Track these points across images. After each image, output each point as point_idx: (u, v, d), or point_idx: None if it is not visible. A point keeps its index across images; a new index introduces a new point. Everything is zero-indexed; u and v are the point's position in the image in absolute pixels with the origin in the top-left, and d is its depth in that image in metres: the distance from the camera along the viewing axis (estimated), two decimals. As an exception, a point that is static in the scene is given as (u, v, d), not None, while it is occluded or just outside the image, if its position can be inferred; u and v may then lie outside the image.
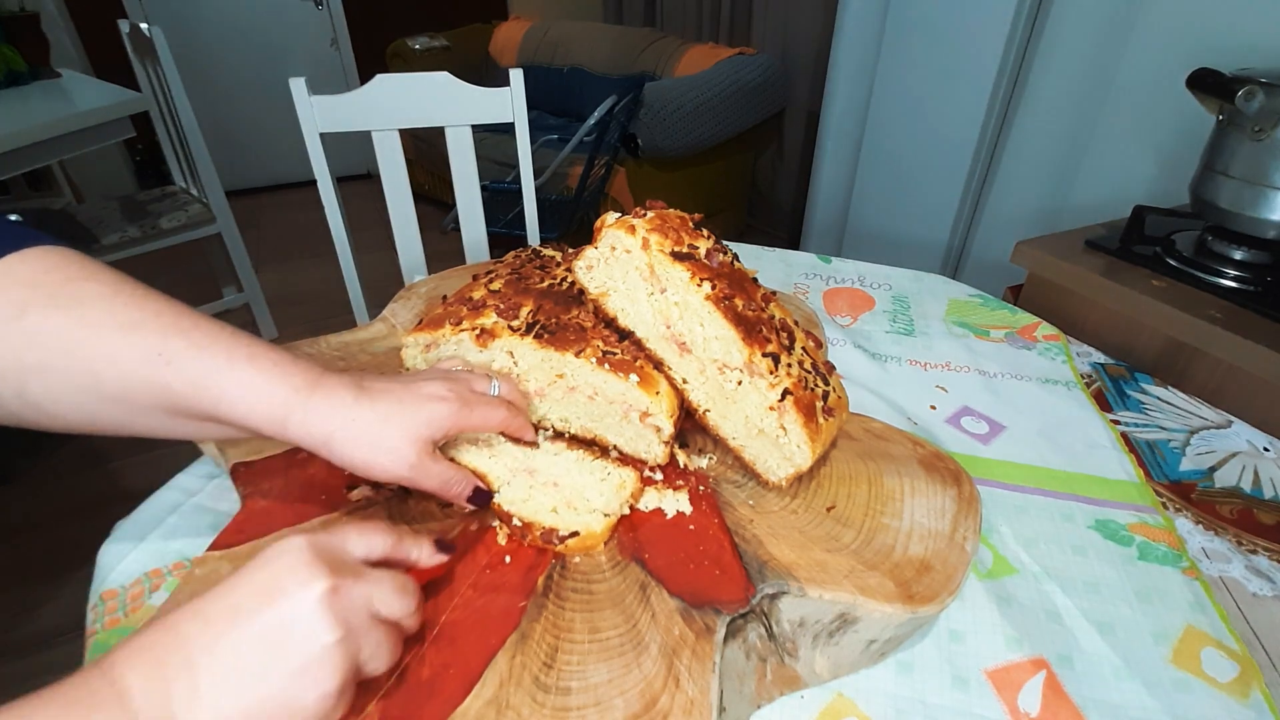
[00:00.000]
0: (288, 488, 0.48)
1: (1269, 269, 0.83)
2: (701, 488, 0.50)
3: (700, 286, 0.47)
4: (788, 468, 0.48)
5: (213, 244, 1.90)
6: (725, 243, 0.55)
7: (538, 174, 1.98)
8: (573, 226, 2.17)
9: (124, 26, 1.70)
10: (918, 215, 1.65)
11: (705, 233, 0.53)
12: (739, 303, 0.48)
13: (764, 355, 0.46)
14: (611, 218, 0.50)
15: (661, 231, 0.49)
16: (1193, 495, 0.57)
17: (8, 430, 0.38)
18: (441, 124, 1.10)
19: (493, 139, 2.33)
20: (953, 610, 0.46)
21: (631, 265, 0.49)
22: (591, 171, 2.09)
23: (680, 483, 0.50)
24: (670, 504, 0.48)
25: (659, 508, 0.48)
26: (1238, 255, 0.85)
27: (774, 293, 0.54)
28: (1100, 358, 0.75)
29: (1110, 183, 1.35)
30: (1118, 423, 0.65)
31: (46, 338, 0.34)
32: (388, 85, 1.06)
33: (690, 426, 0.54)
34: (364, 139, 1.07)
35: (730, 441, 0.51)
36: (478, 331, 0.52)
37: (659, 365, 0.51)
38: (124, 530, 0.49)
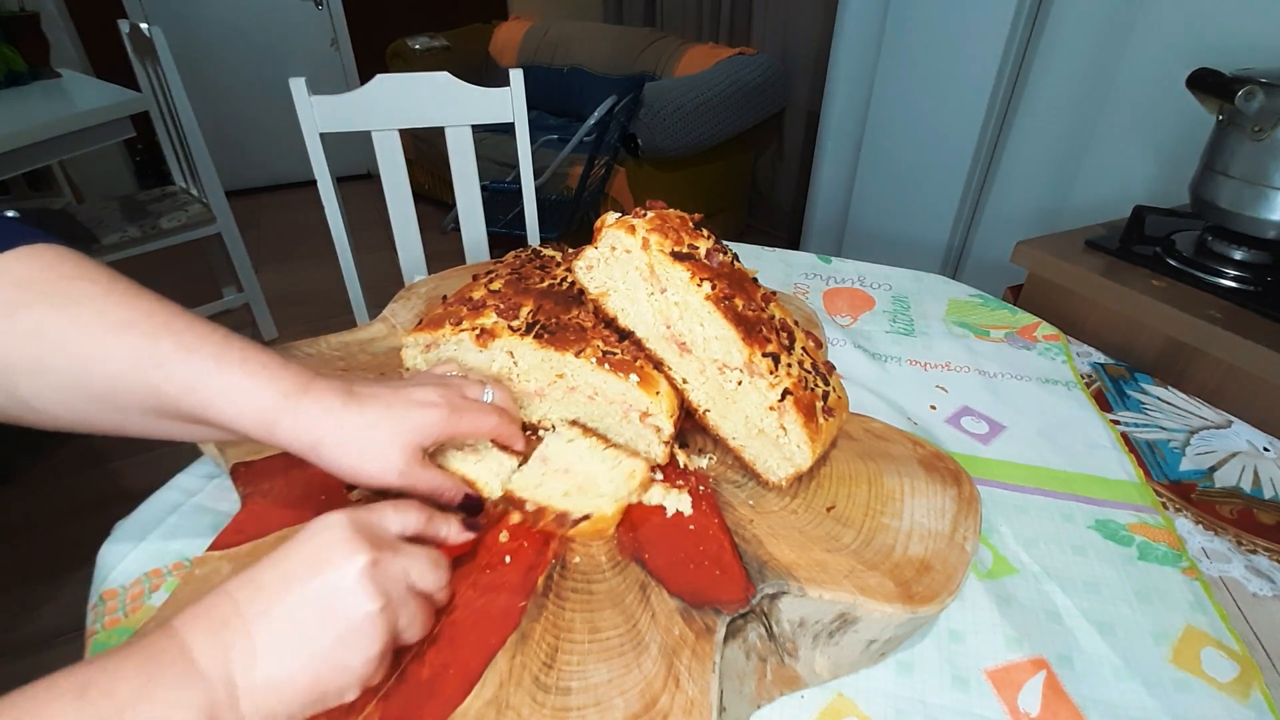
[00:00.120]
0: (288, 488, 0.48)
1: (1269, 269, 0.83)
2: (701, 488, 0.50)
3: (700, 286, 0.47)
4: (788, 468, 0.48)
5: (213, 244, 1.90)
6: (725, 243, 0.55)
7: (538, 174, 1.98)
8: (573, 226, 2.17)
9: (124, 26, 1.70)
10: (918, 215, 1.65)
11: (705, 233, 0.53)
12: (739, 303, 0.48)
13: (764, 355, 0.46)
14: (611, 218, 0.50)
15: (661, 231, 0.49)
16: (1193, 495, 0.57)
17: (8, 430, 0.38)
18: (441, 124, 1.10)
19: (493, 139, 2.33)
20: (953, 610, 0.46)
21: (631, 265, 0.49)
22: (591, 171, 2.09)
23: (680, 483, 0.50)
24: (672, 502, 0.48)
25: (660, 505, 0.48)
26: (1238, 255, 0.85)
27: (774, 293, 0.54)
28: (1100, 358, 0.75)
29: (1110, 183, 1.35)
30: (1118, 423, 0.65)
31: (37, 336, 0.34)
32: (388, 85, 1.06)
33: (690, 426, 0.54)
34: (364, 139, 1.07)
35: (730, 441, 0.51)
36: (478, 331, 0.52)
37: (659, 365, 0.51)
38: (124, 530, 0.49)
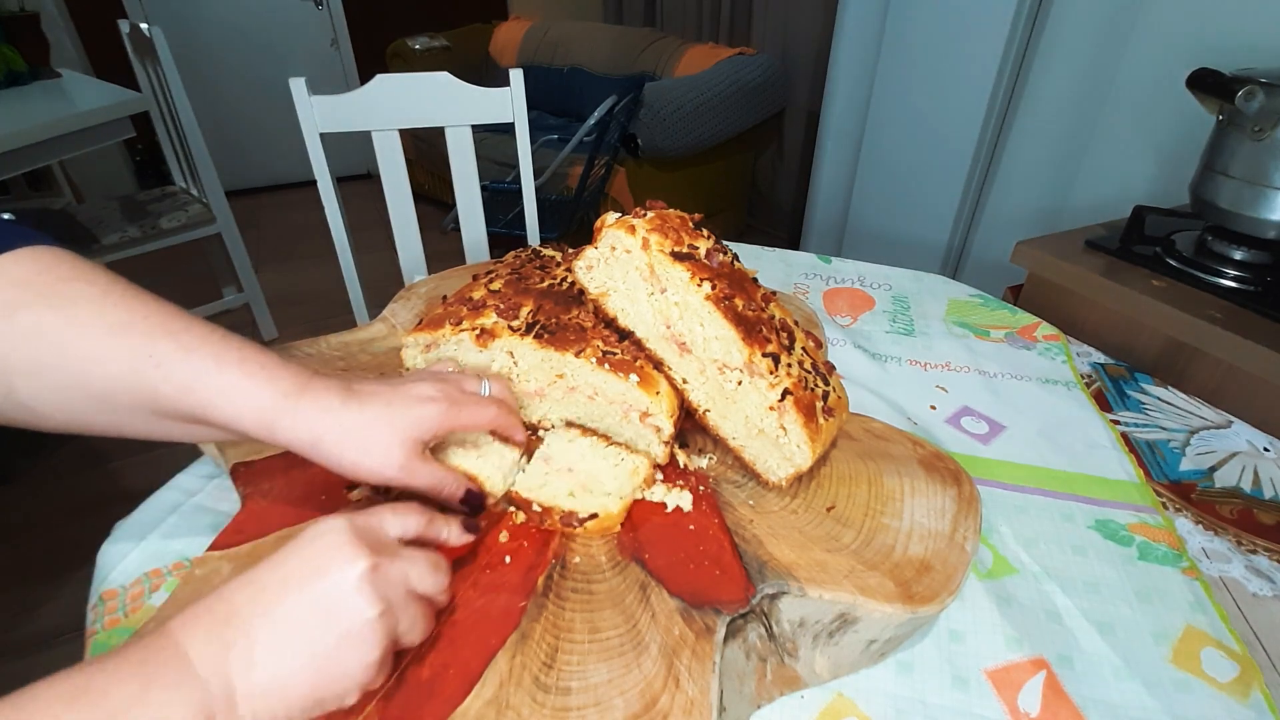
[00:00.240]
0: (288, 488, 0.48)
1: (1269, 269, 0.83)
2: (701, 488, 0.50)
3: (700, 286, 0.47)
4: (788, 468, 0.48)
5: (213, 244, 1.90)
6: (725, 243, 0.55)
7: (538, 174, 1.98)
8: (573, 226, 2.17)
9: (124, 26, 1.70)
10: (918, 215, 1.65)
11: (705, 233, 0.53)
12: (739, 303, 0.48)
13: (764, 355, 0.46)
14: (611, 218, 0.50)
15: (661, 231, 0.49)
16: (1193, 495, 0.57)
17: (8, 430, 0.38)
18: (441, 124, 1.10)
19: (493, 139, 2.33)
20: (953, 610, 0.46)
21: (631, 265, 0.49)
22: (591, 171, 2.09)
23: (680, 482, 0.50)
24: (674, 498, 0.48)
25: (662, 501, 0.48)
26: (1238, 255, 0.85)
27: (774, 293, 0.54)
28: (1100, 358, 0.75)
29: (1110, 183, 1.35)
30: (1118, 423, 0.65)
31: (35, 338, 0.34)
32: (388, 85, 1.06)
33: (690, 426, 0.54)
34: (364, 139, 1.07)
35: (730, 441, 0.51)
36: (478, 331, 0.52)
37: (659, 365, 0.51)
38: (124, 530, 0.49)
